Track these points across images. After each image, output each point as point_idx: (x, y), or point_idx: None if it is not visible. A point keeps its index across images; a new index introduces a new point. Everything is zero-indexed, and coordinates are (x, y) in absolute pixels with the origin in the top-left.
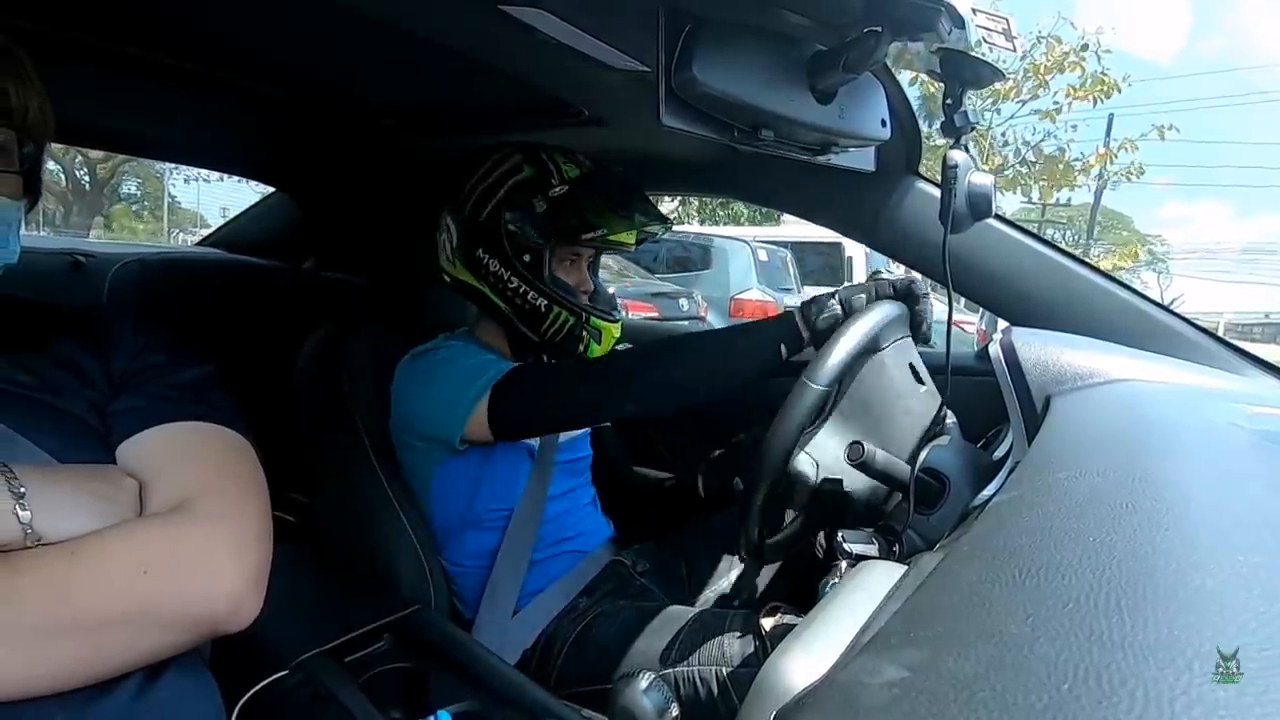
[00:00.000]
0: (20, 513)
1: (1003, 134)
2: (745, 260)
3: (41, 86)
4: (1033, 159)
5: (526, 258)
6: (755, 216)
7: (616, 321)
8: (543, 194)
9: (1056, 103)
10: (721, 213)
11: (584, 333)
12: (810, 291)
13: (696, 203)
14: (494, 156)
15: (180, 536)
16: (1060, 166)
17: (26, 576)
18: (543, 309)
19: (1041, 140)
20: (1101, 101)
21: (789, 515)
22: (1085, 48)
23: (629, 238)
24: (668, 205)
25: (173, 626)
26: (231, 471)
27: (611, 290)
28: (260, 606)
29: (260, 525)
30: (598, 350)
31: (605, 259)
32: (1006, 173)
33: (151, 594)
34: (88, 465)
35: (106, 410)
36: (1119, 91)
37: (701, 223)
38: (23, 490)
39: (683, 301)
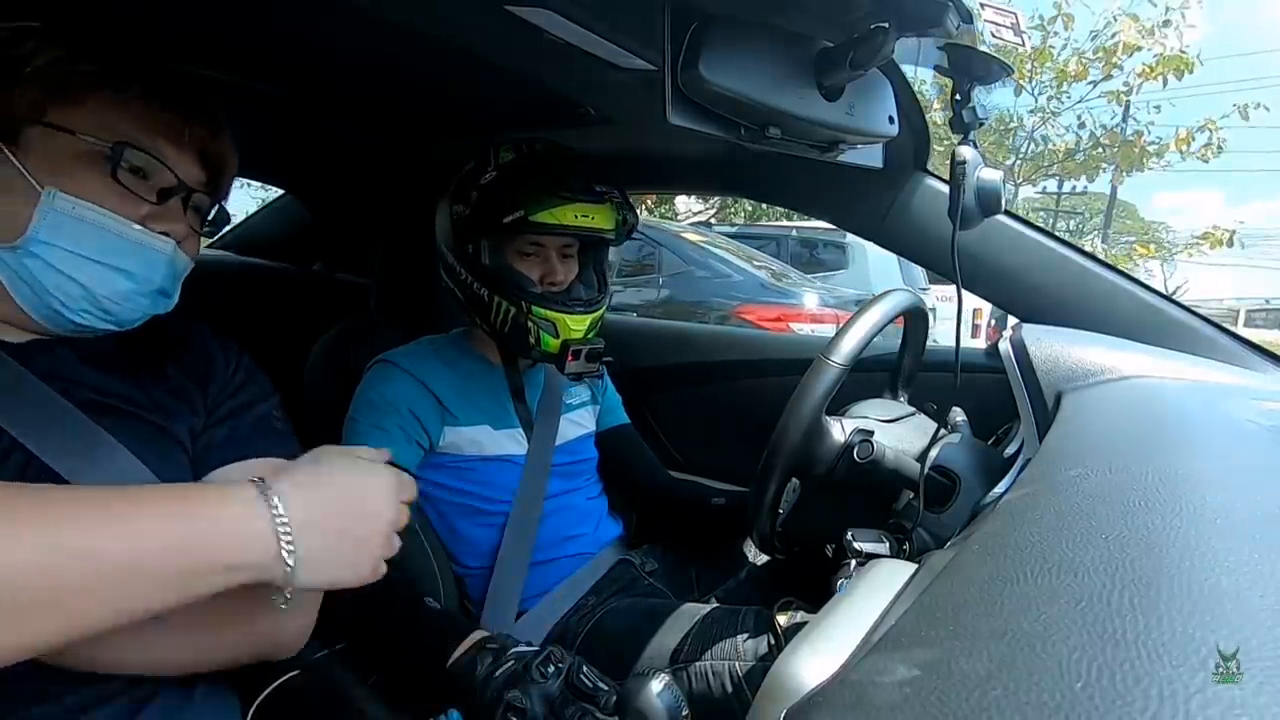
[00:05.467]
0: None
1: (1078, 117)
2: (888, 257)
3: None
4: (1107, 142)
5: (469, 248)
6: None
7: (582, 314)
8: (476, 184)
9: (1127, 84)
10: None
11: (529, 323)
12: (937, 290)
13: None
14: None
15: None
16: (1136, 150)
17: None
18: (485, 298)
19: (1117, 123)
20: (1178, 80)
21: (791, 487)
22: (1168, 24)
23: (563, 215)
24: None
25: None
26: None
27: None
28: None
29: None
30: (552, 343)
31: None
32: (1078, 156)
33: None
34: None
35: (198, 435)
36: (1190, 71)
37: (756, 219)
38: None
39: None
